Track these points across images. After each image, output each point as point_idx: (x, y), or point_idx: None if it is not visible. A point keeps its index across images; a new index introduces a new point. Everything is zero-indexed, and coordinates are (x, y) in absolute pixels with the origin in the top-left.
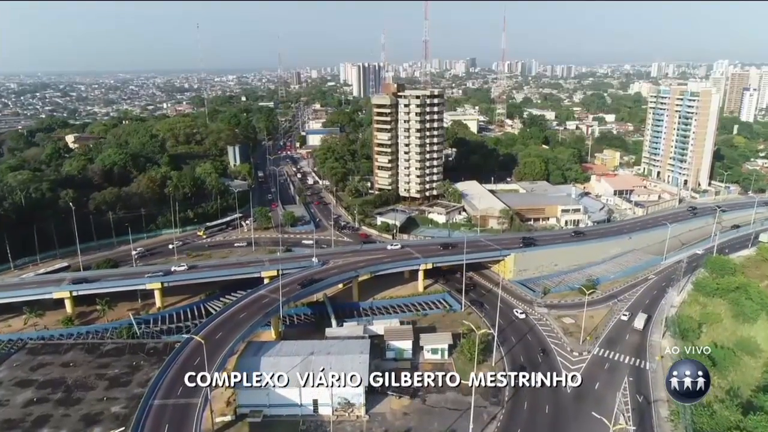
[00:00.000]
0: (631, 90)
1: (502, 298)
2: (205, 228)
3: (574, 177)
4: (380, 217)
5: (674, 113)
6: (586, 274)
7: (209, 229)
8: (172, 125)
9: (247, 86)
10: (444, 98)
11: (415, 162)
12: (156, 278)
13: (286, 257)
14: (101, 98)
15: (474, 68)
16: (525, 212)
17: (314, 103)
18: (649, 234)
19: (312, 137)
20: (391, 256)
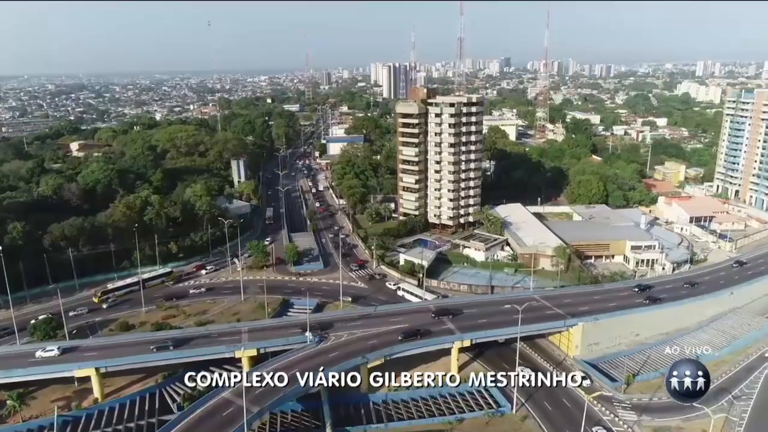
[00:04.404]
0: (677, 90)
1: (567, 393)
2: (101, 293)
3: (638, 199)
4: (403, 255)
5: (760, 121)
6: (679, 349)
7: (108, 294)
8: (173, 135)
9: (278, 87)
10: (483, 105)
11: (447, 183)
12: (89, 361)
13: (272, 325)
14: (133, 99)
15: (508, 68)
16: (584, 248)
17: (342, 105)
18: (752, 286)
19: (333, 146)
20: (413, 325)
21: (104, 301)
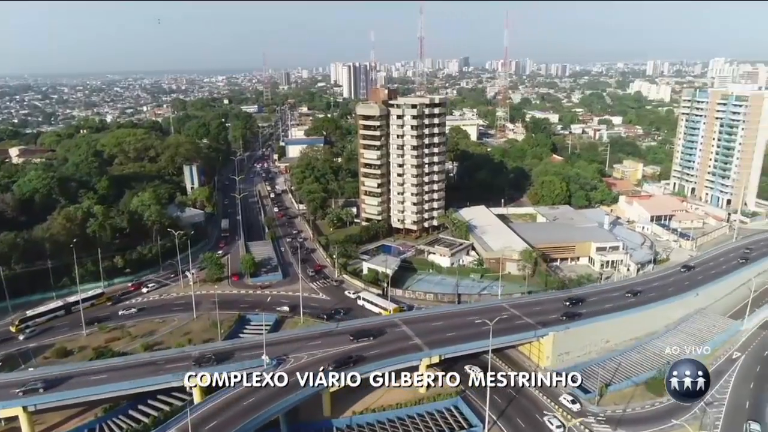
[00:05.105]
0: (630, 89)
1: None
2: (19, 322)
3: (600, 198)
4: (366, 263)
5: (714, 121)
6: (649, 355)
7: (28, 323)
8: (121, 139)
9: (236, 87)
10: (446, 106)
11: (410, 186)
12: (14, 400)
13: (226, 348)
14: (83, 101)
15: (467, 67)
16: (550, 251)
17: (301, 105)
18: (717, 285)
19: (292, 148)
20: (379, 343)
21: (22, 331)
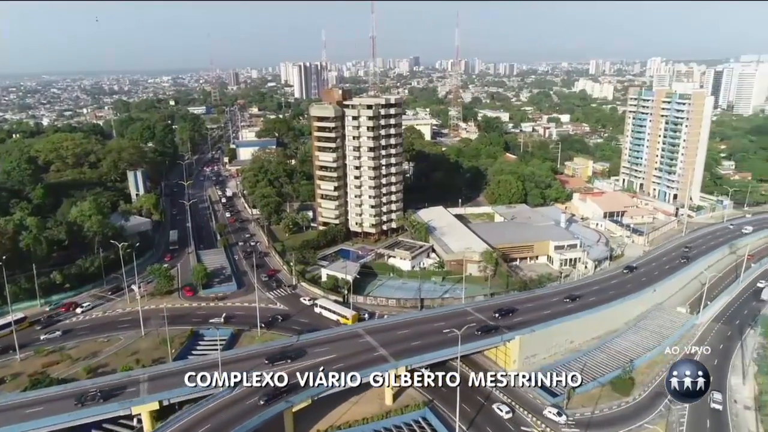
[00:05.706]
0: (575, 88)
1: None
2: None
3: (555, 196)
4: (325, 270)
5: (660, 118)
6: (613, 353)
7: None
8: (58, 144)
9: (183, 88)
10: (402, 107)
11: (368, 189)
12: None
13: (178, 369)
14: (16, 103)
15: (418, 67)
16: (510, 251)
17: (252, 106)
18: (672, 281)
19: (243, 150)
20: (341, 356)
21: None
